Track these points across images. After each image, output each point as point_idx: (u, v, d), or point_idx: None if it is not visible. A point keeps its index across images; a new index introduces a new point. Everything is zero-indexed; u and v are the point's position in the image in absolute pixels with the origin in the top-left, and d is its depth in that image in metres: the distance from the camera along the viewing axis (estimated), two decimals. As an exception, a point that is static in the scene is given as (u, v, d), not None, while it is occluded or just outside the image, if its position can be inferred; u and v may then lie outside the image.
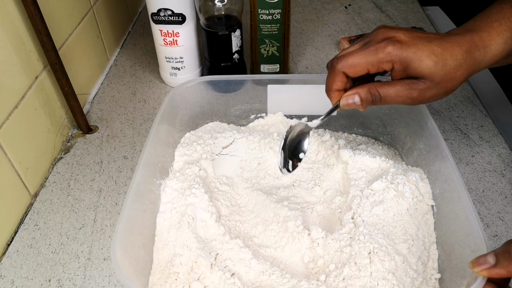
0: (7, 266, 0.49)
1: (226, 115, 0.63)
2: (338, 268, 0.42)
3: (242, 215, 0.51)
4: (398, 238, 0.45)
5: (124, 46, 0.88)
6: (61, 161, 0.62)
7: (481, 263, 0.33)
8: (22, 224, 0.53)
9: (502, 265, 0.32)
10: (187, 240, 0.45)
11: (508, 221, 0.51)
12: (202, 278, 0.42)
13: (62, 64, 0.60)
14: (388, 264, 0.41)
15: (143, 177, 0.46)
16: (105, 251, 0.50)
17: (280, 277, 0.42)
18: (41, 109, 0.59)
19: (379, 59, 0.39)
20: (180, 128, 0.59)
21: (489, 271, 0.33)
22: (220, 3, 0.65)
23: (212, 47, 0.68)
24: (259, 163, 0.57)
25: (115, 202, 0.56)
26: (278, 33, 0.67)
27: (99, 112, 0.71)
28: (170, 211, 0.49)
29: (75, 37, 0.69)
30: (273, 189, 0.54)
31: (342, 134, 0.62)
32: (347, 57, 0.41)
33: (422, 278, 0.42)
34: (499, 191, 0.55)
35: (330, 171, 0.55)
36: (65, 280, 0.47)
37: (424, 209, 0.48)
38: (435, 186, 0.49)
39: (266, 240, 0.48)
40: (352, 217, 0.47)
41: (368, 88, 0.40)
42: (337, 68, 0.41)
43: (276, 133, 0.59)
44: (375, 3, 1.00)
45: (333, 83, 0.42)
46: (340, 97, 0.43)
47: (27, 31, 0.56)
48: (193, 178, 0.51)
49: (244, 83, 0.60)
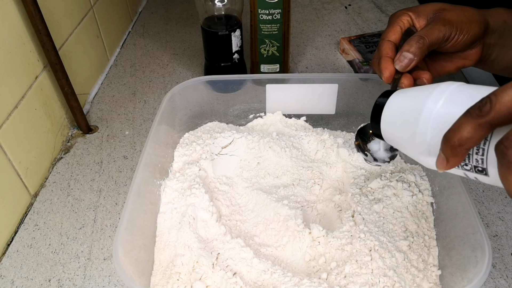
0: (7, 266, 0.49)
1: (225, 115, 0.63)
2: (339, 266, 0.42)
3: (242, 214, 0.51)
4: (398, 235, 0.45)
5: (124, 46, 0.88)
6: (61, 161, 0.62)
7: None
8: (22, 224, 0.53)
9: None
10: (188, 240, 0.45)
11: (508, 221, 0.52)
12: (204, 278, 0.42)
13: (62, 64, 0.60)
14: (389, 261, 0.42)
15: (143, 178, 0.46)
16: (105, 251, 0.50)
17: (281, 275, 0.42)
18: (41, 109, 0.59)
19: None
20: (179, 128, 0.59)
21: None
22: (220, 3, 0.65)
23: (212, 47, 0.68)
24: (259, 163, 0.57)
25: (115, 202, 0.56)
26: (278, 33, 0.67)
27: (99, 112, 0.71)
28: (170, 211, 0.49)
29: (75, 37, 0.69)
30: (273, 188, 0.54)
31: (341, 133, 0.62)
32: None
33: (422, 275, 0.42)
34: (499, 191, 0.55)
35: (329, 170, 0.56)
36: (65, 280, 0.47)
37: (423, 206, 0.48)
38: (434, 183, 0.49)
39: (267, 239, 0.48)
40: (352, 215, 0.47)
41: (409, 40, 0.40)
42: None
43: (275, 133, 0.59)
44: (375, 3, 1.00)
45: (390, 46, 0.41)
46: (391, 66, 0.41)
47: (27, 31, 0.56)
48: (193, 178, 0.51)
49: (243, 83, 0.60)
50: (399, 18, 0.42)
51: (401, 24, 0.42)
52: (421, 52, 0.39)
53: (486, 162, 0.28)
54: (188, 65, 0.82)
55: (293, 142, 0.58)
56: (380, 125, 0.38)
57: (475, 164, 0.28)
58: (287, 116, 0.62)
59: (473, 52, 0.43)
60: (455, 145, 0.27)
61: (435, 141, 0.31)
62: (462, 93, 0.30)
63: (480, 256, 0.37)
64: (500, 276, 0.46)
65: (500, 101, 0.25)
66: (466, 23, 0.40)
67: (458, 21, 0.40)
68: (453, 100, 0.30)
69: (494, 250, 0.48)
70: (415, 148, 0.33)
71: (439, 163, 0.29)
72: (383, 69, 0.40)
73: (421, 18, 0.42)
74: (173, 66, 0.82)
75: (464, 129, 0.27)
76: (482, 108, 0.26)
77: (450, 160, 0.28)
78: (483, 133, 0.26)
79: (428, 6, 0.42)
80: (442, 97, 0.31)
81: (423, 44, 0.39)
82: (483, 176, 0.29)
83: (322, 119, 0.62)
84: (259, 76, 0.60)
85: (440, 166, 0.29)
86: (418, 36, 0.39)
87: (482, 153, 0.28)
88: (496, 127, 0.26)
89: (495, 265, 0.47)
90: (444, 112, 0.30)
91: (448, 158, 0.28)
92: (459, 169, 0.30)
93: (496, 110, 0.25)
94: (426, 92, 0.33)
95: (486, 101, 0.26)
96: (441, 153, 0.29)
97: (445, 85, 0.32)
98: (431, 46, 0.40)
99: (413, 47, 0.39)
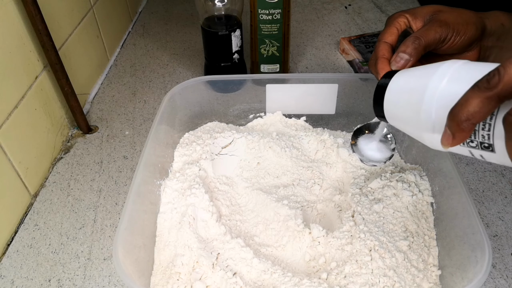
0: (7, 266, 0.49)
1: (225, 115, 0.63)
2: (339, 266, 0.42)
3: (242, 214, 0.51)
4: (398, 235, 0.45)
5: (124, 46, 0.88)
6: (61, 161, 0.62)
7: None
8: (22, 224, 0.53)
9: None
10: (188, 240, 0.45)
11: (508, 221, 0.52)
12: (204, 278, 0.42)
13: (62, 64, 0.60)
14: (389, 261, 0.42)
15: (143, 178, 0.46)
16: (105, 251, 0.50)
17: (281, 275, 0.42)
18: (41, 109, 0.59)
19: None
20: (179, 128, 0.59)
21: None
22: (220, 3, 0.65)
23: (212, 47, 0.68)
24: (259, 163, 0.57)
25: (115, 202, 0.56)
26: (278, 33, 0.67)
27: (99, 112, 0.71)
28: (170, 211, 0.49)
29: (75, 37, 0.69)
30: (272, 188, 0.54)
31: (341, 133, 0.62)
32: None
33: (422, 275, 0.42)
34: (499, 191, 0.55)
35: (329, 170, 0.56)
36: (65, 280, 0.47)
37: (423, 206, 0.48)
38: (434, 183, 0.49)
39: (267, 239, 0.48)
40: (352, 215, 0.47)
41: (406, 41, 0.40)
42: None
43: (275, 133, 0.59)
44: (375, 3, 1.00)
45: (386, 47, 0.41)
46: (387, 66, 0.41)
47: (27, 31, 0.56)
48: (193, 178, 0.51)
49: (243, 83, 0.60)
50: (396, 20, 0.42)
51: (397, 26, 0.42)
52: (417, 52, 0.39)
53: (493, 138, 0.27)
54: (188, 65, 0.82)
55: (293, 142, 0.58)
56: (383, 107, 0.37)
57: (481, 140, 0.28)
58: (287, 116, 0.62)
59: (470, 54, 0.43)
60: (462, 119, 0.26)
61: (440, 118, 0.30)
62: (467, 70, 0.30)
63: (480, 256, 0.37)
64: (500, 276, 0.46)
65: (509, 72, 0.24)
66: (462, 25, 0.40)
67: (455, 22, 0.40)
68: (458, 76, 0.30)
69: (494, 250, 0.48)
70: (419, 126, 0.32)
71: (445, 140, 0.28)
72: (379, 70, 0.40)
73: (418, 20, 0.42)
74: (173, 66, 0.82)
75: (471, 103, 0.26)
76: (490, 80, 0.25)
77: (457, 136, 0.28)
78: (492, 107, 0.26)
79: (425, 8, 0.43)
80: (447, 74, 0.30)
81: (419, 45, 0.39)
82: (489, 153, 0.28)
83: (322, 119, 0.62)
84: (259, 76, 0.60)
85: (446, 143, 0.29)
86: (414, 37, 0.39)
87: (488, 128, 0.27)
88: (505, 99, 0.25)
89: (495, 265, 0.47)
90: (450, 88, 0.30)
91: (455, 134, 0.28)
92: (465, 146, 0.29)
93: (505, 82, 0.25)
94: (431, 70, 0.32)
95: (494, 73, 0.25)
96: (447, 129, 0.28)
97: (450, 62, 0.31)
98: (427, 47, 0.40)
99: (409, 48, 0.39)
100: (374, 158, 0.46)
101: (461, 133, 0.27)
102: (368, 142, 0.46)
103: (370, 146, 0.46)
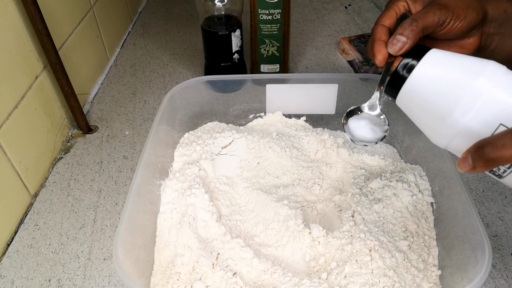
0: (7, 266, 0.49)
1: (225, 115, 0.63)
2: (339, 266, 0.42)
3: (242, 214, 0.51)
4: (398, 235, 0.45)
5: (124, 46, 0.88)
6: (61, 161, 0.62)
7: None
8: (22, 224, 0.53)
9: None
10: (188, 240, 0.45)
11: (508, 221, 0.52)
12: (204, 278, 0.42)
13: (62, 64, 0.60)
14: (389, 261, 0.42)
15: (143, 178, 0.46)
16: (105, 251, 0.50)
17: (281, 275, 0.42)
18: (41, 109, 0.59)
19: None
20: (179, 129, 0.59)
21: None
22: (220, 3, 0.65)
23: (212, 47, 0.68)
24: (259, 163, 0.57)
25: (115, 202, 0.56)
26: (278, 33, 0.67)
27: (99, 112, 0.71)
28: (170, 211, 0.49)
29: (75, 37, 0.69)
30: (272, 188, 0.54)
31: (341, 133, 0.62)
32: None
33: (422, 275, 0.42)
34: (499, 191, 0.55)
35: (329, 170, 0.56)
36: (65, 280, 0.47)
37: (423, 206, 0.48)
38: (434, 183, 0.49)
39: (267, 239, 0.48)
40: (352, 215, 0.47)
41: (403, 24, 0.39)
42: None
43: (275, 133, 0.59)
44: (375, 3, 1.00)
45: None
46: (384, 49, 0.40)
47: (27, 31, 0.56)
48: (193, 178, 0.51)
49: (243, 83, 0.60)
50: (395, 3, 0.41)
51: (396, 9, 0.41)
52: (414, 35, 0.38)
53: (509, 173, 0.28)
54: (188, 65, 0.82)
55: (293, 142, 0.58)
56: (401, 90, 0.35)
57: (495, 170, 0.28)
58: (287, 116, 0.62)
59: (471, 41, 0.42)
60: (491, 159, 0.27)
61: (472, 124, 0.29)
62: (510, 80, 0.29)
63: (480, 256, 0.37)
64: (500, 276, 0.46)
65: None
66: (463, 9, 0.39)
67: (455, 6, 0.39)
68: (504, 86, 0.29)
69: (494, 250, 0.48)
70: (439, 121, 0.31)
71: (463, 166, 0.28)
72: (376, 52, 0.39)
73: (417, 4, 0.41)
74: (173, 66, 0.82)
75: (507, 150, 0.26)
76: None
77: (477, 169, 0.28)
78: None
79: None
80: (493, 79, 0.29)
81: (417, 27, 0.38)
82: (497, 178, 0.28)
83: (322, 119, 0.62)
84: (259, 76, 0.60)
85: (463, 169, 0.28)
86: (411, 19, 0.39)
87: (509, 166, 0.27)
88: None
89: (495, 265, 0.47)
90: (495, 98, 0.29)
91: (476, 167, 0.28)
92: None
93: None
94: (471, 68, 0.30)
95: None
96: (469, 158, 0.28)
97: (494, 66, 0.30)
98: (425, 30, 0.39)
99: (406, 30, 0.38)
100: (365, 138, 0.43)
101: (483, 169, 0.27)
102: (360, 122, 0.43)
103: (361, 125, 0.43)
